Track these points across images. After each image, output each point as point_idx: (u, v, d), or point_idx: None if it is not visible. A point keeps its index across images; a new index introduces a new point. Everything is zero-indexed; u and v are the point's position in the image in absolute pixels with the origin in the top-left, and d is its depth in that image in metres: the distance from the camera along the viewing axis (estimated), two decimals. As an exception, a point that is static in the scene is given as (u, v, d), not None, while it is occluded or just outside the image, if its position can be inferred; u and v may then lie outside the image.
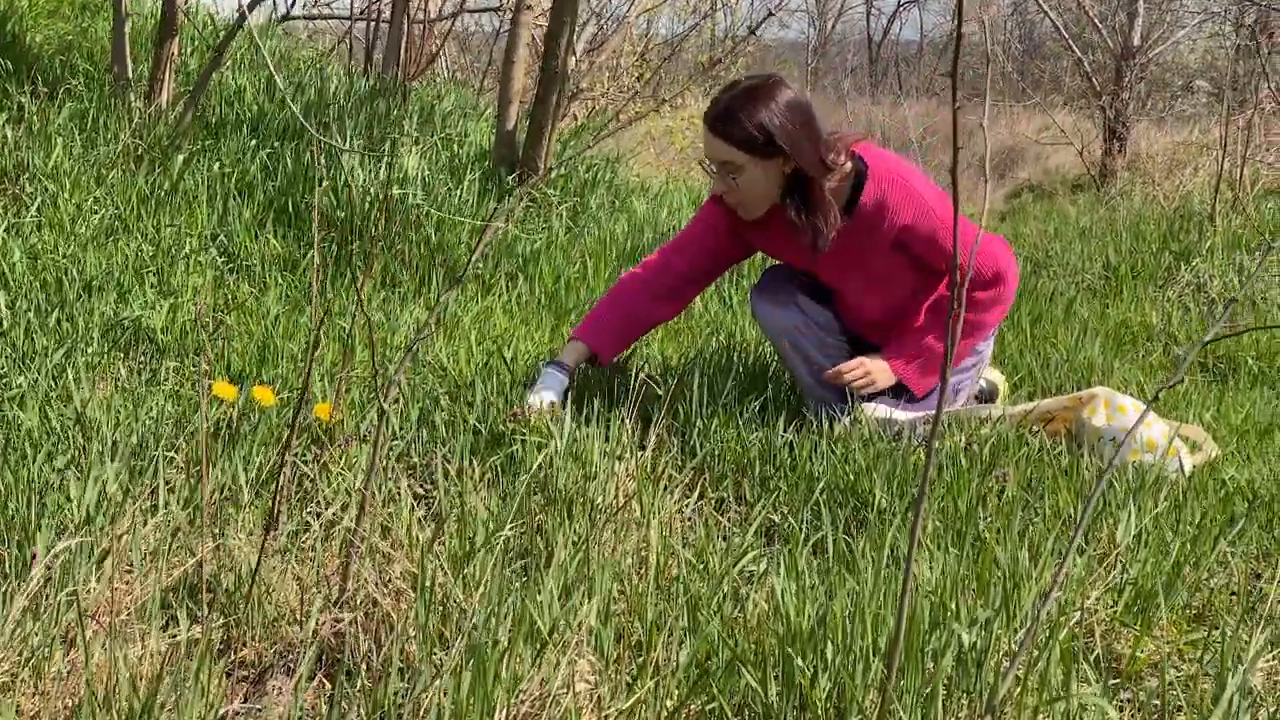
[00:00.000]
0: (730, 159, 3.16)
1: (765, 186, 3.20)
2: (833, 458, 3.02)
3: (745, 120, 3.12)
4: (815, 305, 3.44)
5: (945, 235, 3.25)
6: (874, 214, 3.22)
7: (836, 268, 3.37)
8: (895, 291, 3.40)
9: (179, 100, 5.61)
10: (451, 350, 4.02)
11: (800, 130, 3.14)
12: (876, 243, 3.26)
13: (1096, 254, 8.76)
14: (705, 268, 3.49)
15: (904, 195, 3.22)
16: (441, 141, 6.08)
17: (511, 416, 3.12)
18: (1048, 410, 3.25)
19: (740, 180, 3.19)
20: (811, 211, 3.21)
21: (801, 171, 3.17)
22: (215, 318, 4.15)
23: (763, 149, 3.14)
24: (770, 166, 3.17)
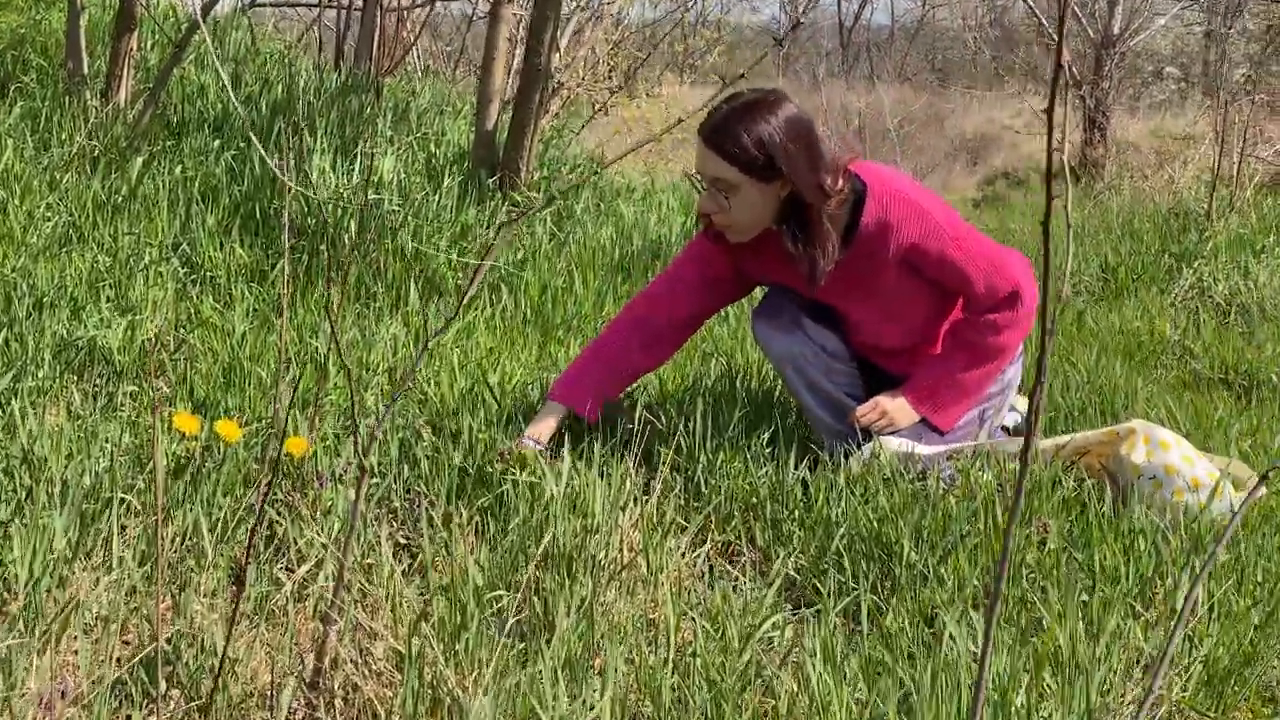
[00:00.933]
0: (724, 177, 2.95)
1: (759, 210, 2.99)
2: (852, 500, 2.80)
3: (745, 136, 2.90)
4: (822, 330, 3.22)
5: (955, 251, 3.03)
6: (876, 235, 3.01)
7: (841, 295, 3.16)
8: (908, 317, 3.19)
9: (138, 98, 5.35)
10: (432, 372, 3.79)
11: (801, 152, 2.93)
12: (881, 266, 3.05)
13: (1092, 254, 8.57)
14: (695, 311, 3.28)
15: (907, 211, 3.01)
16: (418, 141, 5.84)
17: (500, 456, 2.89)
18: (1083, 445, 3.04)
19: (733, 201, 2.97)
20: (809, 242, 3.00)
21: (799, 196, 2.95)
22: (177, 336, 3.90)
23: (761, 170, 2.93)
24: (767, 189, 2.96)
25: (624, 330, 3.24)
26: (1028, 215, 12.92)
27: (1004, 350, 3.16)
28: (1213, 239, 8.22)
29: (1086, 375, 4.05)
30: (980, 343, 3.13)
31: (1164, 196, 11.94)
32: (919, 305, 3.17)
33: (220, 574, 2.45)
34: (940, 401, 3.14)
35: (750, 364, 3.77)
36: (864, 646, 2.12)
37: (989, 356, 3.14)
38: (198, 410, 3.41)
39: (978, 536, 2.58)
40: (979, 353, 3.14)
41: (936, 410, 3.15)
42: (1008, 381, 3.30)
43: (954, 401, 3.14)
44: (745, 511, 2.93)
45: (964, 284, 3.07)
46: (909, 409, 3.14)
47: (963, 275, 3.05)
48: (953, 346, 3.17)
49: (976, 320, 3.12)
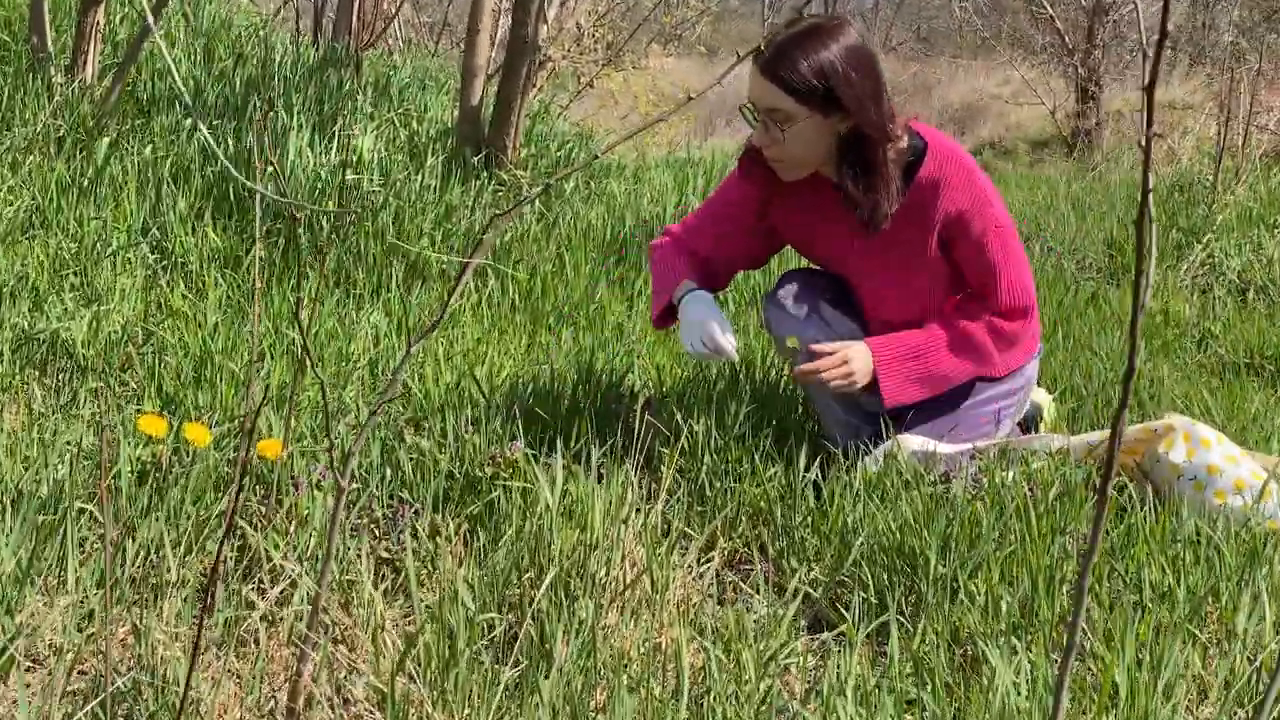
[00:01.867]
0: (780, 107, 2.76)
1: (815, 145, 2.81)
2: (870, 507, 2.61)
3: (804, 63, 2.71)
4: (840, 316, 3.02)
5: (995, 240, 2.85)
6: (928, 192, 2.83)
7: (872, 267, 2.96)
8: (931, 296, 2.99)
9: (106, 75, 5.14)
10: (416, 364, 3.60)
11: (865, 84, 2.75)
12: (925, 230, 2.86)
13: (1095, 229, 8.40)
14: (726, 255, 3.09)
15: (965, 179, 2.83)
16: (399, 118, 5.63)
17: (490, 459, 2.71)
18: (1116, 444, 2.85)
19: (788, 134, 2.77)
20: (872, 179, 2.80)
21: (860, 133, 2.76)
22: (145, 328, 3.71)
23: (821, 100, 2.74)
24: (825, 123, 2.77)
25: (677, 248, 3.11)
26: (1024, 187, 12.73)
27: (995, 365, 2.97)
28: (1222, 213, 8.05)
29: (1109, 362, 3.87)
30: (982, 343, 2.92)
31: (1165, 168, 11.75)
32: (945, 285, 2.99)
33: (189, 591, 2.27)
34: (904, 374, 2.89)
35: (754, 352, 3.57)
36: (896, 679, 1.93)
37: (981, 361, 2.94)
38: (166, 408, 3.22)
39: (1009, 546, 2.40)
40: (973, 352, 2.93)
41: (895, 378, 2.90)
42: (1027, 377, 3.12)
43: (916, 384, 2.90)
44: (754, 517, 2.75)
45: (989, 278, 2.88)
46: (868, 365, 2.88)
47: (992, 268, 2.87)
48: (949, 333, 2.93)
49: (990, 319, 2.92)
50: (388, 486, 2.70)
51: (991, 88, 23.27)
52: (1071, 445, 2.91)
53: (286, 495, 2.63)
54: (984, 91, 23.27)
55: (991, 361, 2.94)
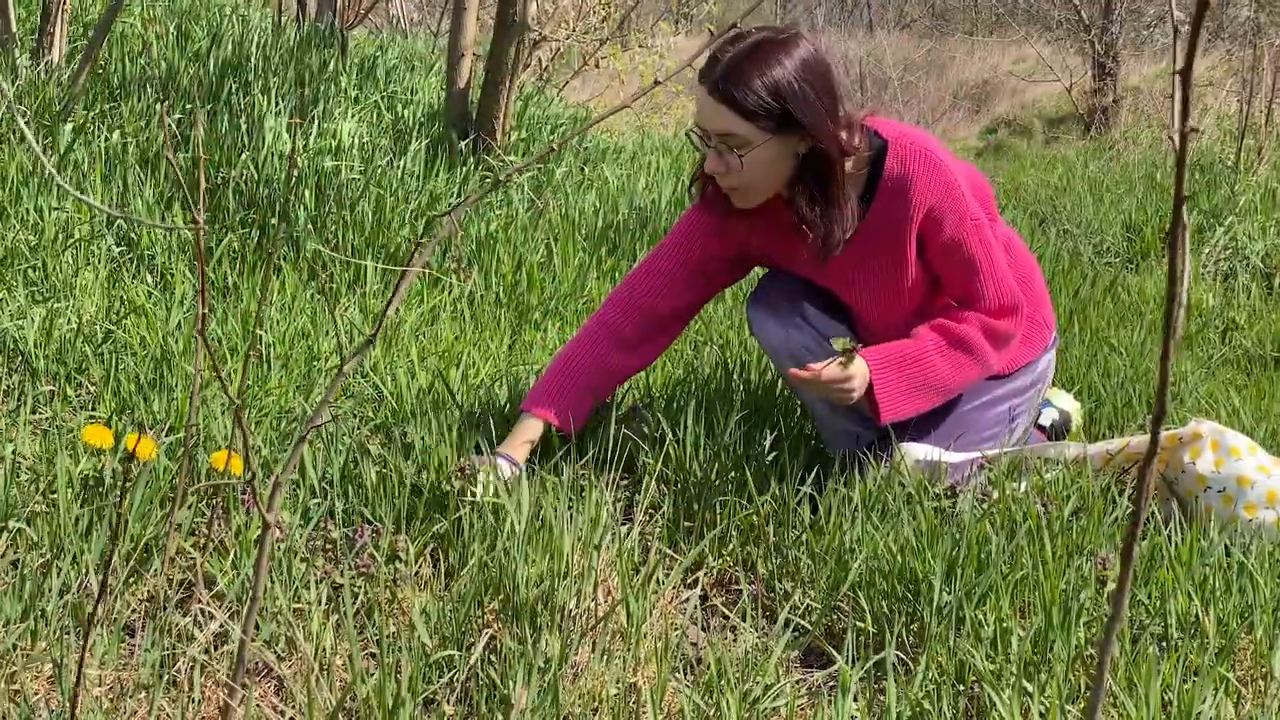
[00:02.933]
0: (735, 131, 2.55)
1: (774, 169, 2.60)
2: (869, 525, 2.43)
3: (758, 82, 2.50)
4: (826, 318, 2.83)
5: (971, 238, 2.66)
6: (895, 195, 2.63)
7: (851, 277, 2.77)
8: (925, 301, 2.80)
9: (76, 57, 4.95)
10: (388, 363, 3.42)
11: (823, 99, 2.54)
12: (899, 237, 2.66)
13: (1112, 211, 8.19)
14: (681, 304, 2.89)
15: (930, 171, 2.63)
16: (384, 100, 5.44)
17: (458, 472, 2.52)
18: (1139, 451, 2.67)
19: (746, 158, 2.57)
20: (828, 203, 2.61)
21: (819, 152, 2.56)
22: (104, 327, 3.53)
23: (777, 121, 2.53)
24: (783, 145, 2.57)
25: (600, 330, 2.86)
26: (1039, 167, 12.52)
27: (993, 366, 2.78)
28: (1245, 194, 7.84)
29: (1129, 358, 3.68)
30: (979, 345, 2.72)
31: (1185, 147, 11.54)
32: (932, 286, 2.80)
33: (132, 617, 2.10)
34: (901, 382, 2.68)
35: (749, 353, 3.39)
36: None
37: (980, 364, 2.74)
38: (120, 414, 3.04)
39: (1020, 569, 2.21)
40: (971, 354, 2.72)
41: (892, 389, 2.68)
42: (1039, 374, 2.94)
43: (914, 393, 2.70)
44: (745, 532, 2.57)
45: (970, 277, 2.69)
46: (864, 373, 2.65)
47: (972, 266, 2.68)
48: (943, 337, 2.72)
49: (981, 318, 2.72)
50: (347, 504, 2.52)
51: (1007, 65, 23.09)
52: (1089, 454, 2.73)
53: (236, 512, 2.46)
54: (999, 69, 23.09)
55: (989, 363, 2.75)
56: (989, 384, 2.86)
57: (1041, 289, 3.01)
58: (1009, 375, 2.89)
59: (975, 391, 2.85)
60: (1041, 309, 2.98)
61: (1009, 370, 2.88)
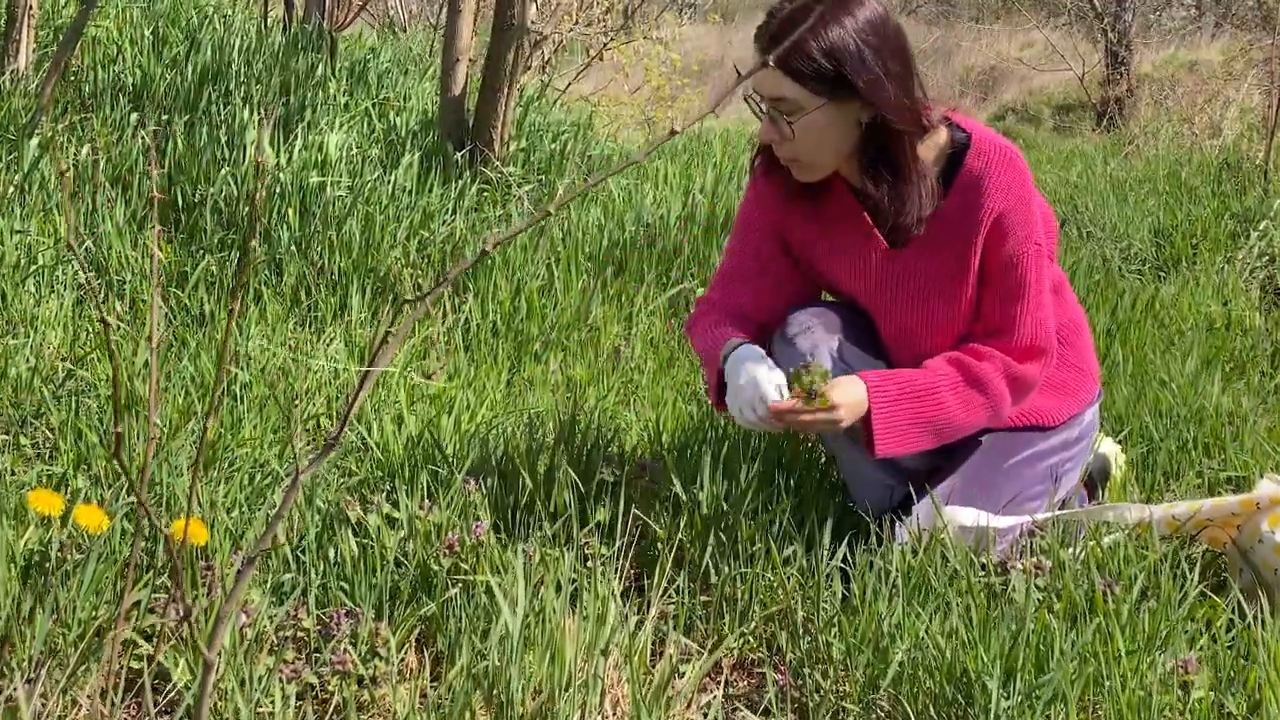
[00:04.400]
0: (787, 96, 2.32)
1: (831, 139, 2.36)
2: (911, 607, 2.17)
3: (812, 42, 2.27)
4: (861, 354, 2.56)
5: (1028, 261, 2.41)
6: (971, 192, 2.39)
7: (904, 288, 2.51)
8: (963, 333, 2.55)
9: (45, 64, 4.70)
10: (375, 404, 3.16)
11: (890, 64, 2.31)
12: (967, 239, 2.41)
13: (1138, 213, 7.92)
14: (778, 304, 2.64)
15: (1013, 178, 2.39)
16: (376, 108, 5.18)
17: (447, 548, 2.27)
18: (1209, 518, 2.41)
19: (797, 126, 2.33)
20: (897, 178, 2.37)
21: (885, 124, 2.32)
22: (66, 366, 3.28)
23: (832, 86, 2.29)
24: (840, 112, 2.33)
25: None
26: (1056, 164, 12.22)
27: (1002, 417, 2.51)
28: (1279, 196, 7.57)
29: (1181, 393, 3.41)
30: (998, 391, 2.46)
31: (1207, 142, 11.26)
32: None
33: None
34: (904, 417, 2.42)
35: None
36: None
37: (994, 412, 2.48)
38: (79, 467, 2.79)
39: (1092, 664, 1.96)
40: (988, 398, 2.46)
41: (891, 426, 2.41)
42: (1086, 426, 2.68)
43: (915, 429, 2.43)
44: (767, 611, 2.32)
45: (1012, 304, 2.44)
46: (860, 399, 2.39)
47: (1019, 293, 2.43)
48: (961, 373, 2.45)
49: (1006, 361, 2.46)
50: (321, 582, 2.27)
51: (1014, 51, 22.89)
52: (1154, 519, 2.47)
53: (198, 592, 2.21)
54: (1007, 56, 22.88)
55: (1002, 411, 2.49)
56: (1032, 436, 2.60)
57: (1088, 338, 2.76)
58: (1054, 427, 2.63)
59: (1018, 445, 2.59)
60: (1087, 358, 2.73)
61: (1055, 422, 2.62)
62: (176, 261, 3.97)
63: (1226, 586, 2.43)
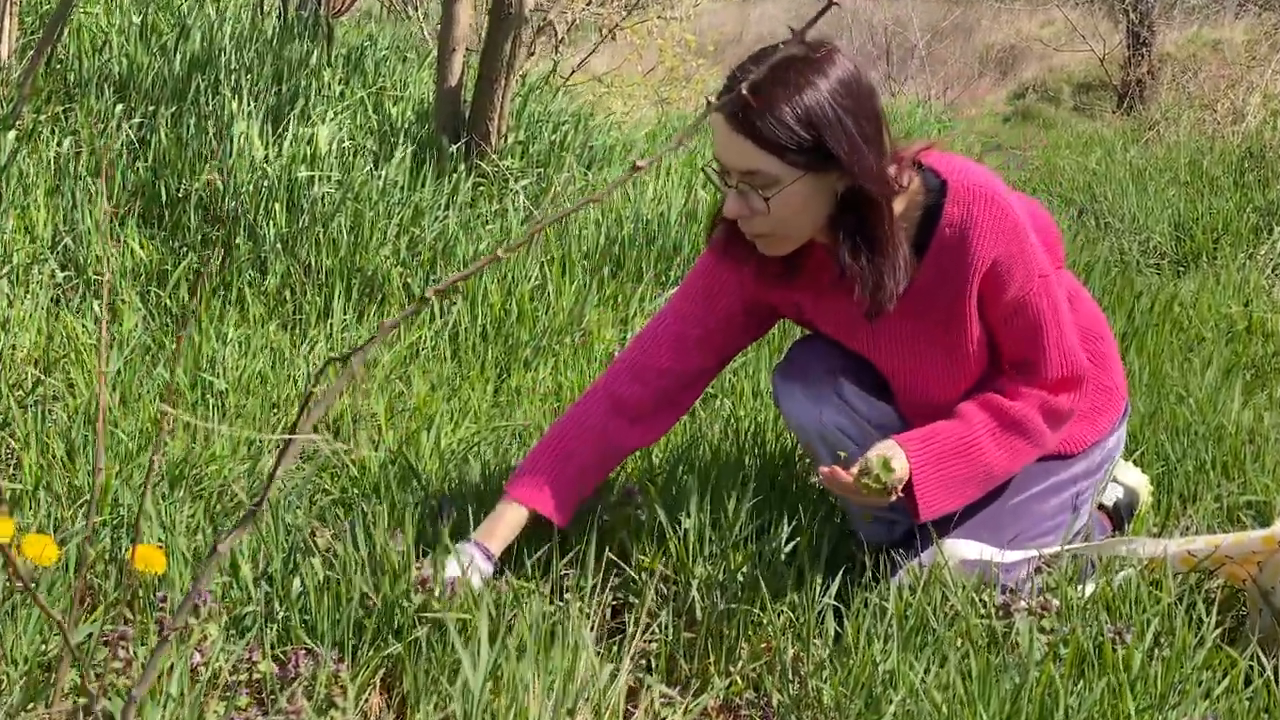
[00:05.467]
0: (760, 168, 2.15)
1: (808, 211, 2.20)
2: (906, 652, 2.05)
3: (786, 109, 2.10)
4: (867, 397, 2.44)
5: (1039, 298, 2.27)
6: (955, 245, 2.24)
7: (899, 342, 2.38)
8: (983, 375, 2.41)
9: (29, 53, 4.57)
10: (354, 416, 3.05)
11: (866, 128, 2.15)
12: (958, 293, 2.27)
13: (1158, 204, 7.76)
14: (703, 365, 2.51)
15: (996, 218, 2.23)
16: (372, 98, 5.05)
17: (419, 585, 2.15)
18: (1228, 555, 2.28)
19: (774, 201, 2.17)
20: (874, 250, 2.21)
21: (860, 192, 2.16)
22: (33, 373, 3.16)
23: (810, 156, 2.13)
24: (818, 183, 2.17)
25: (602, 401, 2.47)
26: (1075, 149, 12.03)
27: (1045, 450, 2.40)
28: (1308, 190, 7.41)
29: (1199, 408, 3.27)
30: (1036, 429, 2.35)
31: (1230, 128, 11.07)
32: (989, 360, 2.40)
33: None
34: (947, 478, 2.30)
35: (763, 417, 2.99)
36: None
37: (1034, 448, 2.37)
38: (39, 486, 2.67)
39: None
40: (1026, 439, 2.35)
41: (936, 489, 2.30)
42: (1110, 450, 2.55)
43: (961, 487, 2.33)
44: (754, 650, 2.21)
45: (1033, 343, 2.31)
46: (903, 469, 2.26)
47: (1037, 331, 2.29)
48: (996, 419, 2.34)
49: (1041, 396, 2.34)
50: (278, 624, 2.15)
51: (1034, 29, 22.72)
52: (1168, 554, 2.34)
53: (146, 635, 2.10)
54: (1026, 34, 22.73)
55: (1045, 446, 2.37)
56: (1050, 465, 2.48)
57: (1111, 346, 2.62)
58: (1075, 455, 2.50)
59: (1033, 476, 2.46)
60: (1112, 372, 2.59)
61: (1077, 450, 2.49)
62: (157, 259, 3.85)
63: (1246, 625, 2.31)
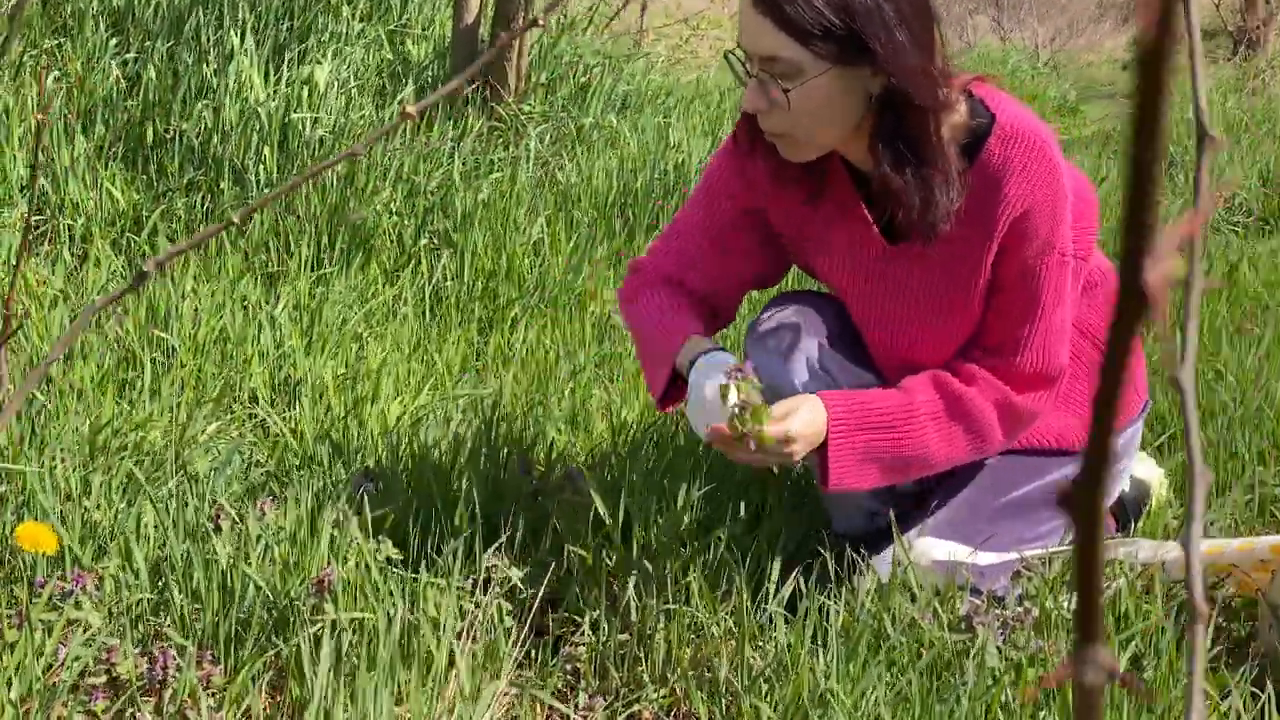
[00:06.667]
0: (781, 55, 1.90)
1: (834, 111, 1.95)
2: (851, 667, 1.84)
3: None
4: (845, 363, 2.19)
5: (1050, 272, 2.01)
6: (989, 184, 1.99)
7: (899, 283, 2.13)
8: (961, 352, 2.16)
9: (25, -17, 4.41)
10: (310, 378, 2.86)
11: (912, 24, 1.89)
12: (983, 236, 2.01)
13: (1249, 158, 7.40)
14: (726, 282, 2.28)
15: (1040, 164, 1.98)
16: (390, 36, 4.85)
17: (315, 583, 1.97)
18: (1240, 559, 2.04)
19: (794, 94, 1.92)
20: (923, 160, 1.95)
21: (904, 98, 1.91)
22: None
23: (840, 46, 1.88)
24: (848, 80, 1.92)
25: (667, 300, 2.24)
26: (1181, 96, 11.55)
27: (987, 454, 2.14)
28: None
29: (1240, 386, 3.00)
30: (986, 425, 2.08)
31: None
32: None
33: None
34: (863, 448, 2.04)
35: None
36: None
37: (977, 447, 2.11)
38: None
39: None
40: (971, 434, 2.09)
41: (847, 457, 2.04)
42: (1120, 449, 2.29)
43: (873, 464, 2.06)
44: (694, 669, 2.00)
45: (1021, 320, 2.04)
46: (819, 427, 2.02)
47: (1031, 308, 2.03)
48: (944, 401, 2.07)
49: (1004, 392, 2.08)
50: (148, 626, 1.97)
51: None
52: (1167, 560, 2.10)
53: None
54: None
55: (988, 449, 2.11)
56: (1046, 461, 2.23)
57: (1138, 342, 2.34)
58: (1076, 451, 2.24)
59: (1027, 472, 2.21)
60: (1135, 368, 2.31)
61: (1079, 446, 2.24)
62: (136, 202, 3.68)
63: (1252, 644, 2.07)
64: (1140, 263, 0.33)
